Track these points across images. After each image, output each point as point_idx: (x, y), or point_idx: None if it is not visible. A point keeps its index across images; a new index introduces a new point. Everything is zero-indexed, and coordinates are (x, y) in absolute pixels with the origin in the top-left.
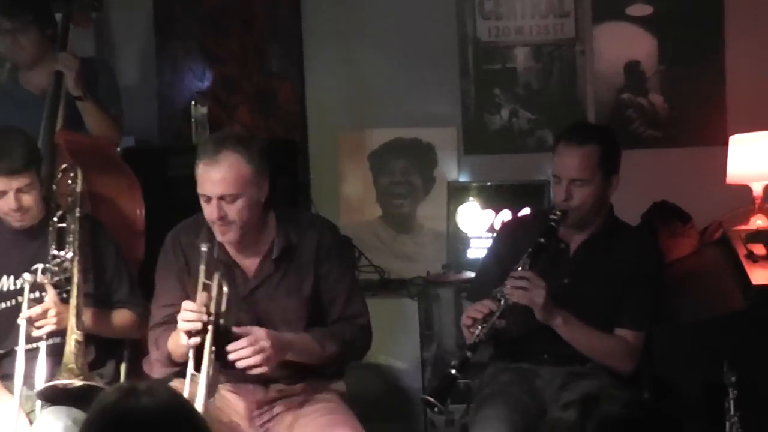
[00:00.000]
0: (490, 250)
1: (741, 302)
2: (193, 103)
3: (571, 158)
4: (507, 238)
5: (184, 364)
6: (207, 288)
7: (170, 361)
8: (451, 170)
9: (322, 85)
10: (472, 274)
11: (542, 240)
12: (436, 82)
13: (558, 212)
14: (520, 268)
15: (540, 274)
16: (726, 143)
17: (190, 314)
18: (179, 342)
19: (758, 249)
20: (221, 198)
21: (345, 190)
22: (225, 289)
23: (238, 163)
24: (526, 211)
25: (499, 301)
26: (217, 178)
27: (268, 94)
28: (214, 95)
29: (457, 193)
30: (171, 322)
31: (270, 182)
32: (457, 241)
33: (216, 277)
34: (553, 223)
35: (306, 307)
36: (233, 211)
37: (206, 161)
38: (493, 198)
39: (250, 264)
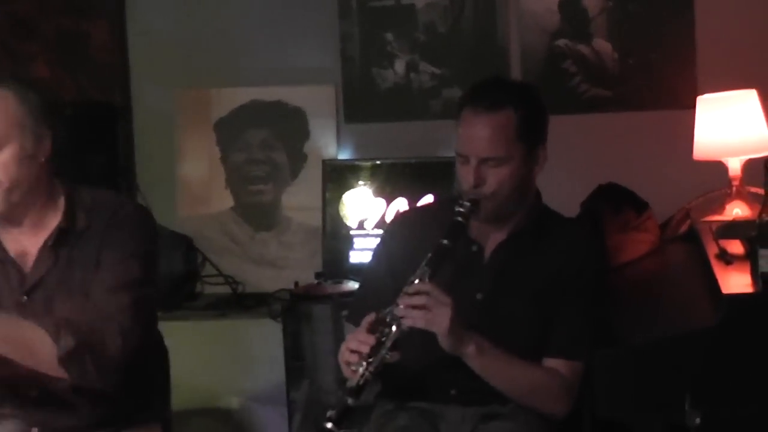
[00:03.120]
0: (377, 254)
1: (710, 317)
2: None
3: (480, 129)
4: (400, 238)
5: None
6: None
7: None
8: (329, 144)
9: (151, 28)
10: (356, 285)
11: (446, 241)
12: (308, 25)
13: (466, 203)
14: (417, 281)
15: (445, 287)
16: (694, 106)
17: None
18: None
19: (733, 246)
20: None
21: (183, 171)
22: None
23: (6, 101)
24: (428, 199)
25: (390, 326)
26: None
27: (76, 41)
28: (0, 42)
29: (336, 176)
30: None
31: (79, 160)
32: (336, 240)
33: None
34: (459, 218)
35: None
36: None
37: None
38: (385, 181)
39: (27, 256)
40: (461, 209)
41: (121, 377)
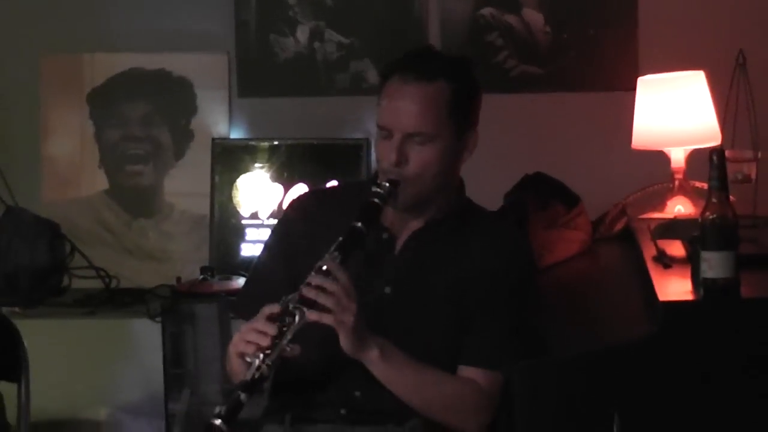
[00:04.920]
0: (272, 240)
1: (644, 326)
2: None
3: (409, 101)
4: (300, 223)
5: None
6: None
7: None
8: (219, 121)
9: None
10: None
11: (359, 224)
12: None
13: (385, 183)
14: (325, 267)
15: (351, 279)
16: (635, 88)
17: None
18: None
19: (673, 248)
20: None
21: (50, 148)
22: None
23: None
24: (332, 185)
25: (292, 315)
26: None
27: None
28: None
29: (226, 157)
30: None
31: None
32: (225, 230)
33: None
34: (376, 199)
35: None
36: None
37: None
38: (283, 165)
39: None
40: (379, 189)
41: None
